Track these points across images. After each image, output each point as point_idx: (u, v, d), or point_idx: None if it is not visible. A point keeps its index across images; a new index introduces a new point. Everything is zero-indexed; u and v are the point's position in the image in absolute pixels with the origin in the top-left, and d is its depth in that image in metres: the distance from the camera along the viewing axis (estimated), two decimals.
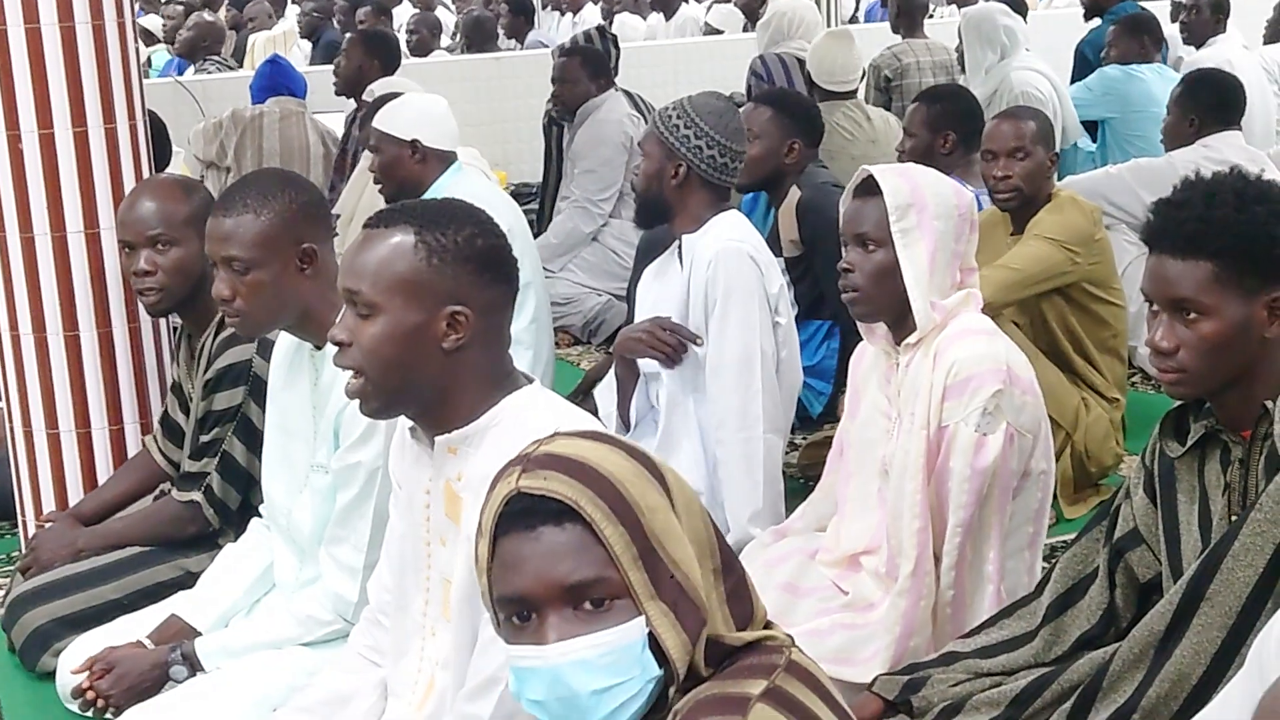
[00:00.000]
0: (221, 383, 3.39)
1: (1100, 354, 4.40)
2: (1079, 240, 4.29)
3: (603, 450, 1.64)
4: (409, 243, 2.28)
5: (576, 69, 6.66)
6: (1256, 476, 2.40)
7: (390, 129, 4.64)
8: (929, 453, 3.00)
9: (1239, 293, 2.34)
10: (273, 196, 2.94)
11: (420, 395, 2.31)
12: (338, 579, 2.92)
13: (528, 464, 1.63)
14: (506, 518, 1.62)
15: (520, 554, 1.60)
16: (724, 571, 1.68)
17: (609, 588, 1.59)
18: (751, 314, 3.76)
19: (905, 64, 7.34)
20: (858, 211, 3.10)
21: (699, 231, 3.86)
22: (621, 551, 1.58)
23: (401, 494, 2.49)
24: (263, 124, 6.83)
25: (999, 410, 2.95)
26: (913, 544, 2.99)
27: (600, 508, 1.59)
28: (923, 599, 2.99)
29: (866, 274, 3.06)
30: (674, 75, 8.70)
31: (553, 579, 1.59)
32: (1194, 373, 2.37)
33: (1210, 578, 2.36)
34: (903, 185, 3.06)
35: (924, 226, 3.03)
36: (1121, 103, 6.68)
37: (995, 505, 3.00)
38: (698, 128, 3.85)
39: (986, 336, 3.05)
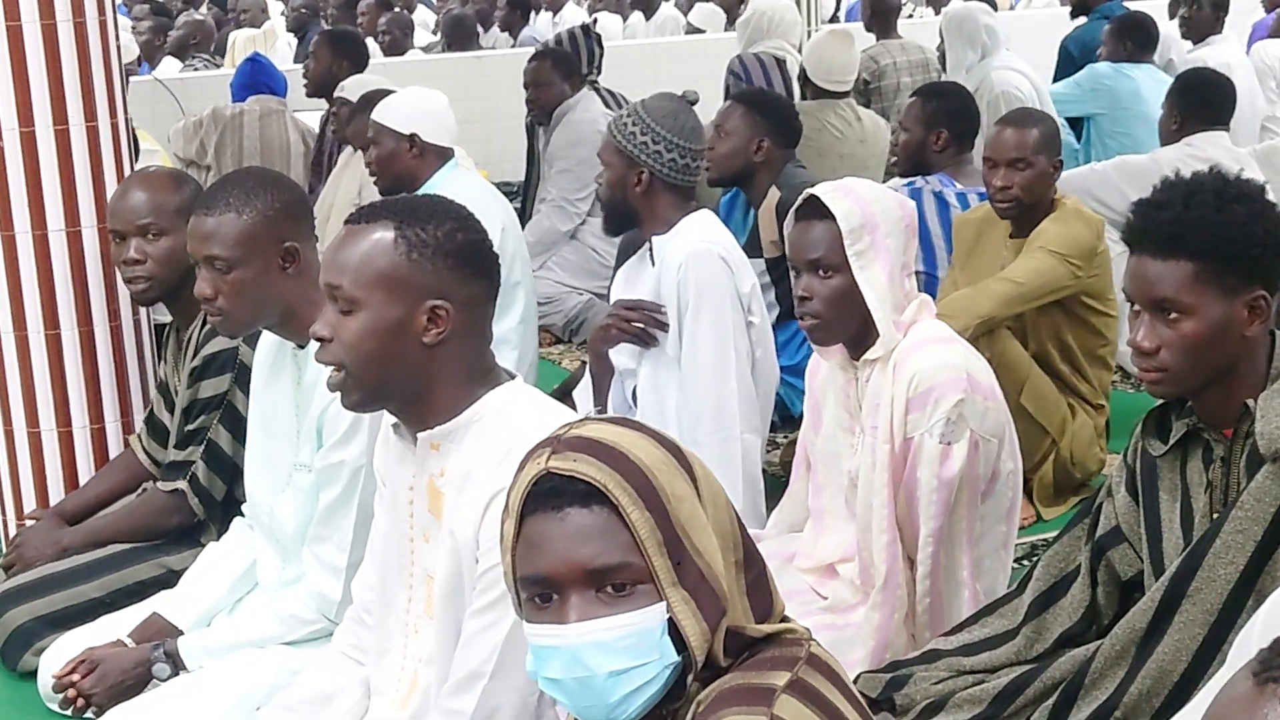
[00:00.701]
0: (207, 370, 3.39)
1: (1089, 363, 4.38)
2: (1082, 254, 4.24)
3: (633, 436, 1.65)
4: (389, 238, 2.28)
5: (548, 71, 6.67)
6: (1238, 474, 2.41)
7: (389, 122, 4.65)
8: (894, 465, 3.00)
9: (1219, 292, 2.35)
10: (255, 195, 2.94)
11: (401, 390, 2.31)
12: (321, 578, 2.91)
13: (558, 445, 1.63)
14: (534, 497, 1.62)
15: (546, 534, 1.61)
16: (746, 564, 1.69)
17: (632, 573, 1.59)
18: (724, 314, 3.76)
19: (882, 65, 7.35)
20: (807, 236, 3.04)
21: (669, 233, 3.85)
22: (646, 537, 1.59)
23: (386, 491, 2.48)
24: (243, 122, 6.81)
25: (962, 419, 2.95)
26: (882, 558, 3.01)
27: (628, 492, 1.59)
28: (896, 611, 3.01)
29: (825, 300, 3.03)
30: (654, 74, 8.69)
31: (577, 561, 1.59)
32: (1176, 372, 2.38)
33: (1192, 575, 2.38)
34: (853, 206, 3.02)
35: (878, 246, 3.01)
36: (1110, 99, 6.72)
37: (964, 511, 3.01)
38: (654, 132, 3.84)
39: (944, 345, 3.04)
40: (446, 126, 4.70)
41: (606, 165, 3.90)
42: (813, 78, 6.20)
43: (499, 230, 4.58)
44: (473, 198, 4.60)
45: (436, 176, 4.63)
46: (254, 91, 6.99)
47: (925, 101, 5.15)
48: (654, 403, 3.88)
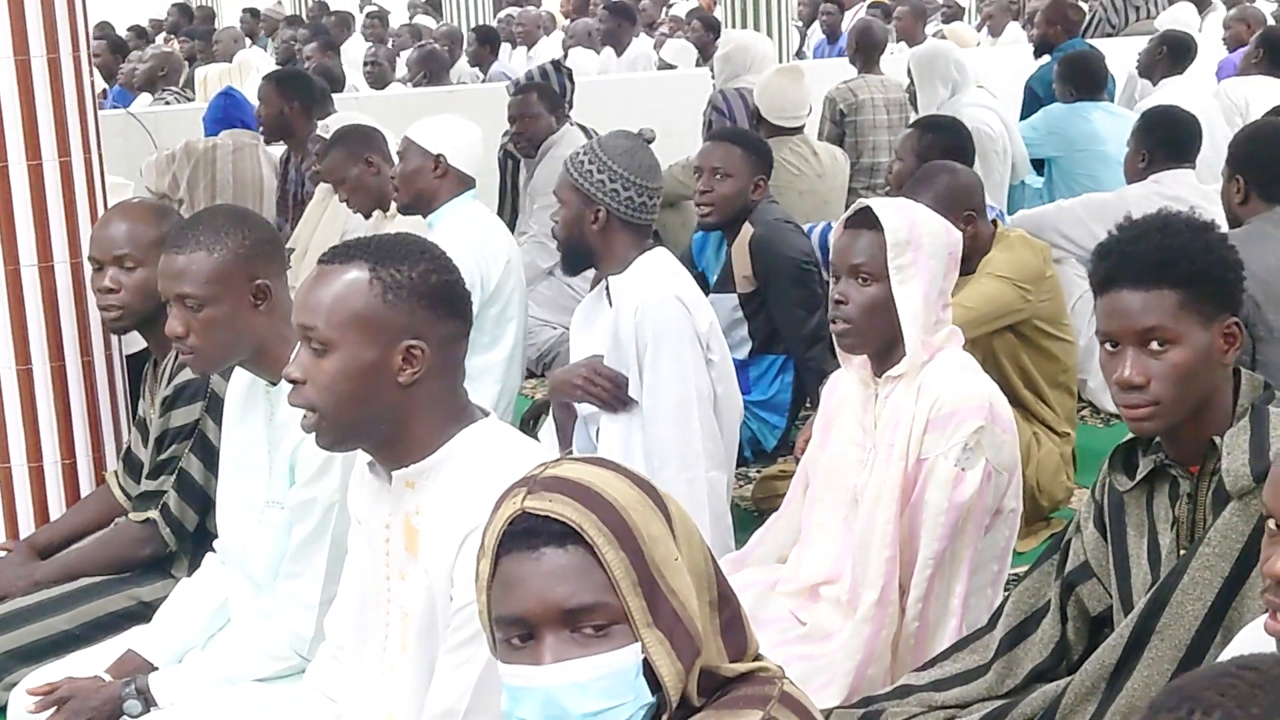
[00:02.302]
0: (178, 399, 3.38)
1: (1051, 389, 4.44)
2: (1030, 278, 4.32)
3: (608, 476, 1.66)
4: (363, 279, 2.29)
5: (535, 104, 6.70)
6: (1204, 511, 2.43)
7: (420, 140, 4.75)
8: (905, 484, 3.02)
9: (1200, 320, 2.37)
10: (225, 233, 2.94)
11: (376, 430, 2.32)
12: (294, 614, 2.90)
13: (533, 485, 1.64)
14: (510, 537, 1.63)
15: (521, 574, 1.61)
16: (720, 604, 1.70)
17: (607, 613, 1.60)
18: (683, 355, 3.77)
19: (860, 99, 7.40)
20: (853, 243, 3.10)
21: (624, 273, 3.86)
22: (622, 577, 1.59)
23: (361, 529, 2.49)
24: (215, 156, 6.81)
25: (979, 446, 2.98)
26: (880, 573, 3.01)
27: (603, 532, 1.60)
28: (884, 628, 3.02)
29: (860, 306, 3.07)
30: (626, 110, 8.72)
31: (552, 601, 1.60)
32: (1167, 404, 2.37)
33: (1160, 611, 2.40)
34: (902, 222, 3.07)
35: (919, 264, 3.05)
36: (1065, 141, 6.76)
37: (967, 540, 3.03)
38: (611, 170, 3.85)
39: (971, 374, 3.10)
40: (474, 156, 4.81)
41: (563, 203, 3.89)
42: (766, 115, 6.21)
43: (504, 263, 4.65)
44: (483, 229, 4.72)
45: (454, 202, 4.71)
46: (227, 125, 6.99)
47: (922, 133, 5.19)
48: (619, 444, 3.88)
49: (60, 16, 3.76)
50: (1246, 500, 2.32)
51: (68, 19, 3.78)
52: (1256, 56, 7.39)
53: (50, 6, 3.73)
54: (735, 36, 7.67)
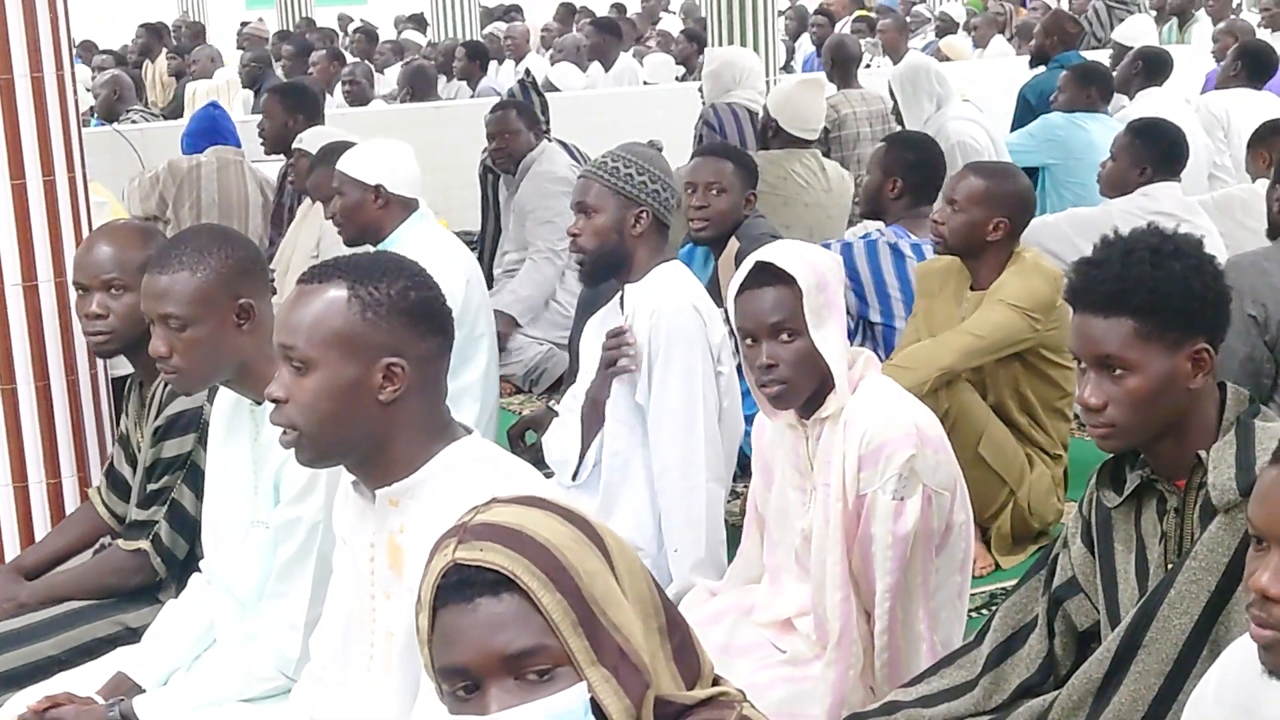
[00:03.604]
0: (171, 430, 3.36)
1: (1046, 414, 4.41)
2: (1041, 307, 4.26)
3: (539, 516, 1.64)
4: (342, 297, 2.29)
5: (514, 121, 6.69)
6: (1192, 525, 2.43)
7: (354, 173, 4.67)
8: (847, 523, 3.01)
9: (1162, 347, 2.38)
10: (208, 253, 2.93)
11: (357, 447, 2.32)
12: (279, 635, 2.89)
13: (463, 534, 1.62)
14: (444, 590, 1.61)
15: (459, 626, 1.60)
16: (669, 629, 1.68)
17: (549, 656, 1.58)
18: (694, 364, 3.77)
19: (843, 115, 7.41)
20: (763, 303, 3.02)
21: (641, 282, 3.87)
22: (560, 619, 1.58)
23: (346, 548, 2.48)
24: (200, 175, 6.79)
25: (914, 474, 2.97)
26: (836, 615, 3.02)
27: (537, 576, 1.58)
28: (851, 668, 3.02)
29: (792, 364, 3.01)
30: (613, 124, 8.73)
31: (492, 650, 1.58)
32: (1123, 427, 2.40)
33: (1147, 626, 2.40)
34: (807, 268, 3.02)
35: (830, 304, 3.03)
36: (1063, 150, 6.76)
37: (920, 565, 3.02)
38: (649, 172, 3.88)
39: (893, 401, 3.06)
40: (411, 177, 4.72)
41: (596, 211, 3.84)
42: (785, 126, 6.19)
43: (464, 282, 4.59)
44: (438, 249, 4.67)
45: (402, 228, 4.65)
46: (209, 141, 6.97)
47: (889, 149, 5.21)
48: (623, 452, 3.87)
49: (44, 35, 3.75)
50: (1233, 514, 2.33)
51: (51, 38, 3.77)
52: (1234, 69, 7.41)
53: (34, 26, 3.72)
54: (721, 54, 7.68)
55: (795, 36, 14.07)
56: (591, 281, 4.03)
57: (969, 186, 4.35)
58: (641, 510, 3.88)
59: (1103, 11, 11.42)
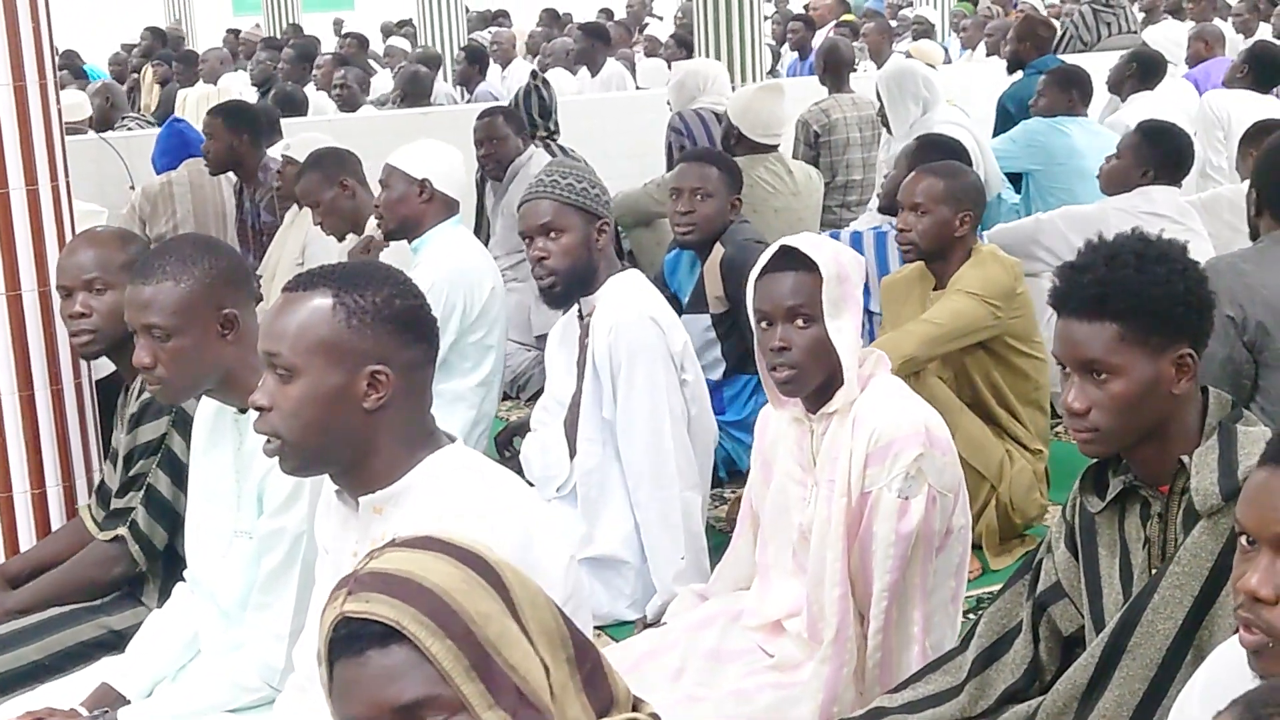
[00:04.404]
0: (144, 415, 3.37)
1: (1023, 406, 4.43)
2: (1000, 294, 4.32)
3: (428, 560, 1.61)
4: (327, 305, 2.29)
5: (501, 126, 6.69)
6: (1175, 530, 2.44)
7: (403, 165, 4.74)
8: (850, 519, 3.02)
9: (1145, 351, 2.38)
10: (192, 263, 2.93)
11: (341, 455, 2.32)
12: (264, 645, 2.88)
13: (353, 585, 1.60)
14: (335, 643, 1.59)
15: (350, 680, 1.58)
16: (578, 658, 1.66)
17: (442, 705, 1.55)
18: (657, 375, 3.77)
19: (833, 119, 7.42)
20: (783, 285, 3.05)
21: (597, 293, 3.85)
22: (451, 666, 1.55)
23: (329, 558, 2.47)
24: (172, 191, 6.77)
25: (921, 474, 2.98)
26: (834, 611, 3.01)
27: (425, 625, 1.55)
28: (845, 665, 3.01)
29: (804, 349, 3.03)
30: (600, 130, 8.73)
31: (383, 702, 1.56)
32: (1106, 432, 2.41)
33: (1131, 631, 2.40)
34: (831, 257, 3.05)
35: (849, 297, 3.05)
36: (1044, 155, 6.76)
37: (919, 567, 3.03)
38: (599, 184, 3.88)
39: (903, 400, 3.08)
40: (458, 179, 4.81)
41: (562, 230, 3.81)
42: (746, 132, 6.20)
43: (489, 290, 4.64)
44: (469, 256, 4.72)
45: (441, 227, 4.72)
46: (177, 158, 6.93)
47: (921, 149, 5.24)
48: (599, 466, 3.87)
49: (26, 44, 3.74)
50: (1216, 519, 2.33)
51: (34, 46, 3.76)
52: (1242, 71, 7.40)
53: (15, 34, 3.71)
54: (684, 66, 7.74)
55: (781, 42, 14.07)
56: (562, 303, 3.96)
57: (930, 188, 4.38)
58: (622, 523, 3.87)
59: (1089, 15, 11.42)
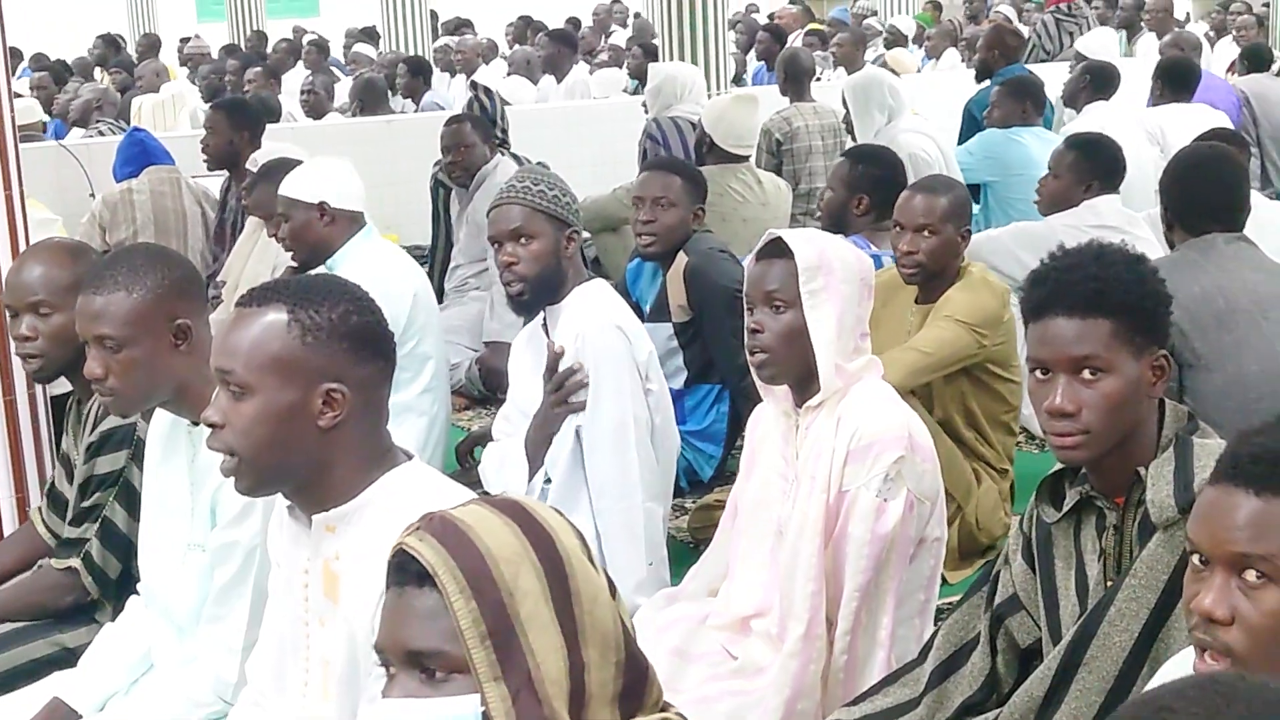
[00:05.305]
0: (104, 446, 3.33)
1: (993, 428, 4.41)
2: (988, 322, 4.27)
3: (496, 522, 1.64)
4: (282, 321, 2.26)
5: (469, 133, 6.66)
6: (1130, 542, 2.43)
7: (297, 194, 4.66)
8: (827, 516, 3.02)
9: (1131, 351, 2.38)
10: (144, 273, 2.90)
11: (296, 474, 2.29)
12: (217, 659, 2.86)
13: (425, 522, 1.65)
14: (390, 570, 1.66)
15: (387, 608, 1.65)
16: (627, 666, 1.68)
17: (447, 661, 1.60)
18: (623, 384, 3.75)
19: (795, 127, 7.43)
20: (766, 272, 3.12)
21: (564, 303, 3.83)
22: (468, 627, 1.58)
23: (280, 573, 2.45)
24: (132, 199, 6.72)
25: (900, 477, 2.99)
26: (805, 606, 3.01)
27: (457, 579, 1.59)
28: (812, 662, 3.00)
29: (776, 334, 3.08)
30: (565, 137, 8.72)
31: (398, 640, 1.62)
32: (1097, 433, 2.38)
33: (1087, 643, 2.40)
34: (812, 249, 3.09)
35: (831, 289, 3.07)
36: (1001, 166, 6.78)
37: (892, 571, 3.03)
38: (569, 193, 3.86)
39: (889, 403, 3.10)
40: (354, 192, 4.70)
41: (532, 236, 3.77)
42: (718, 142, 6.21)
43: (410, 297, 4.57)
44: (385, 265, 4.66)
45: (351, 243, 4.63)
46: (145, 165, 6.89)
47: (853, 164, 5.18)
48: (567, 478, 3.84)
49: None
50: (1171, 531, 2.33)
51: None
52: (1158, 89, 7.50)
53: None
54: (663, 69, 7.70)
55: (746, 50, 14.08)
56: (530, 310, 3.91)
57: (937, 207, 4.32)
58: (586, 532, 3.84)
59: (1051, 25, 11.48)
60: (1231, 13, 13.33)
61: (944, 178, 4.84)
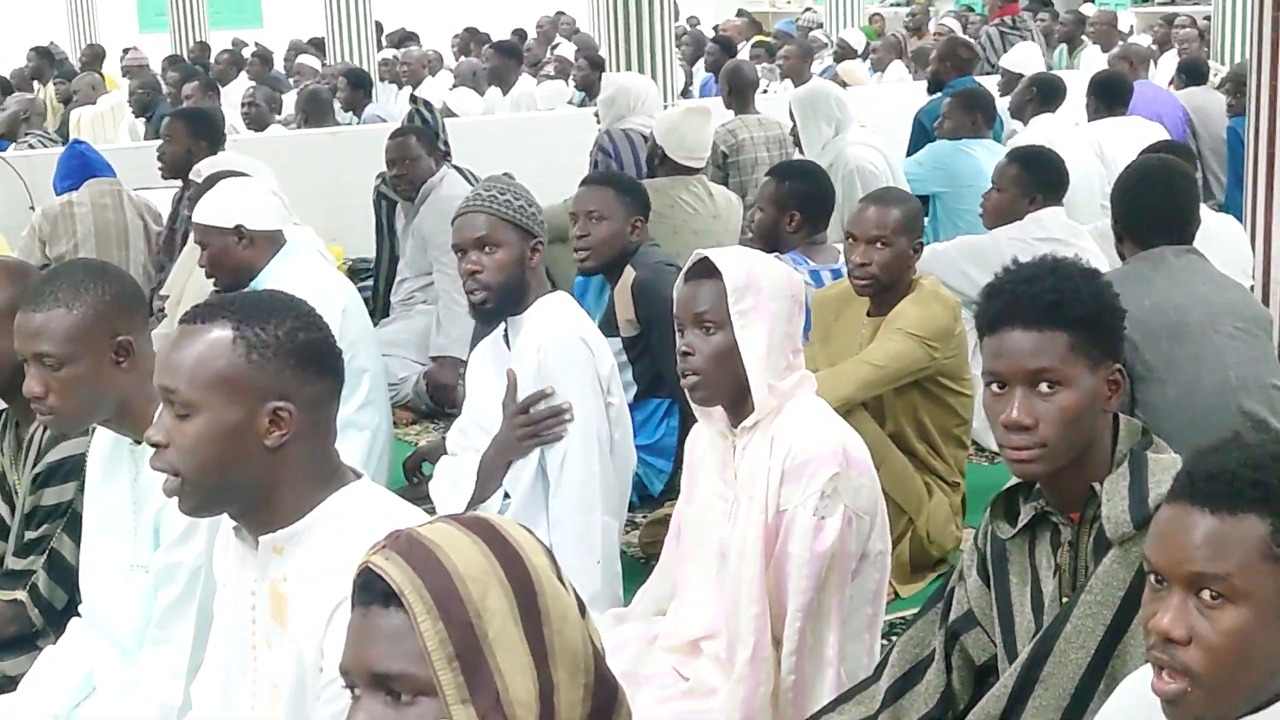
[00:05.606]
0: (52, 478, 3.24)
1: (944, 441, 4.40)
2: (939, 335, 4.26)
3: (462, 541, 1.61)
4: (227, 338, 2.22)
5: (414, 146, 6.60)
6: (1085, 558, 2.43)
7: (211, 220, 4.55)
8: (767, 537, 3.00)
9: (1087, 364, 2.37)
10: (84, 289, 2.84)
11: (242, 494, 2.24)
12: (161, 682, 2.80)
13: (390, 540, 1.62)
14: (355, 589, 1.62)
15: (352, 628, 1.61)
16: (595, 688, 1.64)
17: (414, 684, 1.56)
18: (586, 397, 3.72)
19: (740, 139, 7.43)
20: (694, 293, 3.10)
21: (526, 314, 3.80)
22: (435, 649, 1.55)
23: (226, 594, 2.41)
24: (73, 212, 6.63)
25: (837, 493, 2.96)
26: (750, 630, 2.98)
27: (424, 600, 1.56)
28: (761, 685, 2.98)
29: (706, 356, 3.06)
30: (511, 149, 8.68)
31: (363, 662, 1.58)
32: (1053, 447, 2.36)
33: (1044, 660, 2.39)
34: (739, 267, 3.07)
35: (761, 308, 3.04)
36: (950, 177, 6.80)
37: (834, 588, 3.01)
38: (535, 203, 3.82)
39: (822, 419, 3.07)
40: (270, 211, 4.59)
41: (498, 245, 3.72)
42: (670, 154, 6.18)
43: (339, 313, 4.48)
44: (312, 282, 4.55)
45: (272, 265, 4.53)
46: (86, 177, 6.80)
47: (779, 182, 5.14)
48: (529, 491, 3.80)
49: None
50: (1127, 547, 2.33)
51: None
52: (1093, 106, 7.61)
53: None
54: (617, 79, 7.67)
55: (693, 61, 14.10)
56: (492, 319, 3.86)
57: (890, 219, 4.30)
58: None
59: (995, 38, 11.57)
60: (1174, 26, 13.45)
61: (897, 190, 4.82)
